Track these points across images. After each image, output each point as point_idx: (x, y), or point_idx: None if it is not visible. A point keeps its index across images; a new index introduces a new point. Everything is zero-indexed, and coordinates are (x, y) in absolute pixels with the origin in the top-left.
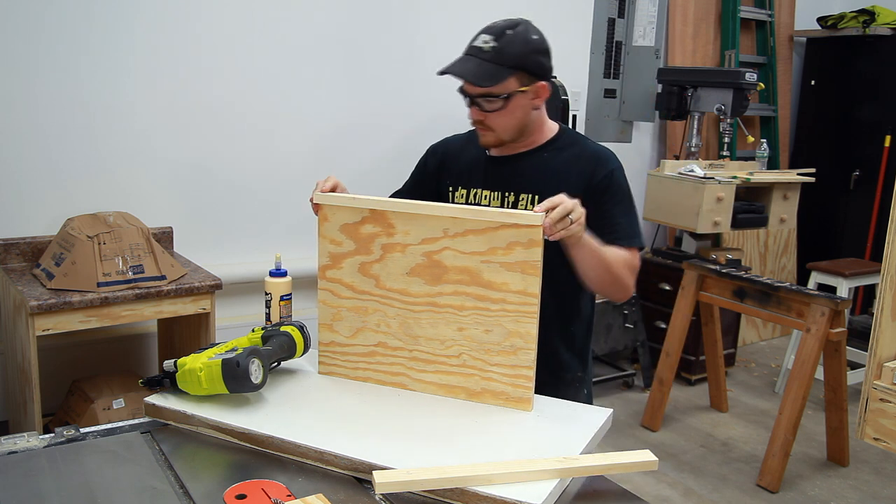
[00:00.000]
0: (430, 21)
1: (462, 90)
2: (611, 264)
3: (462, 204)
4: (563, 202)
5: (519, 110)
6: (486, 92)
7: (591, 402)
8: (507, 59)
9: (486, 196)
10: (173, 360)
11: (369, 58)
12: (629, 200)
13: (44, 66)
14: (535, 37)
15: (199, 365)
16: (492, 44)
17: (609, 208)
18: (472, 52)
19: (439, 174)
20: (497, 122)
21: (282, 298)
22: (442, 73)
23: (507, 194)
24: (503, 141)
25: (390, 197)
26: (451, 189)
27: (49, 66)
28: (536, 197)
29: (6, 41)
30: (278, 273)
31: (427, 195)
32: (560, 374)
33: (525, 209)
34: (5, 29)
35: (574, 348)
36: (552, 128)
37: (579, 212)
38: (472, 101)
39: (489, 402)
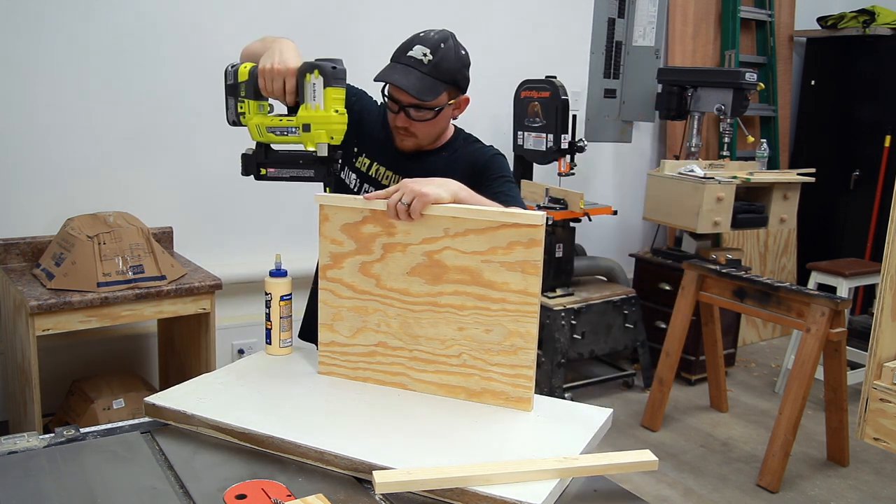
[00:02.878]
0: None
1: (391, 97)
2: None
3: (363, 174)
4: (398, 190)
5: (443, 121)
6: (420, 104)
7: None
8: (443, 74)
9: (388, 176)
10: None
11: (367, 58)
12: (510, 180)
13: (44, 66)
14: (462, 52)
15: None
16: (430, 57)
17: (489, 183)
18: (411, 63)
19: (359, 126)
20: (422, 130)
21: (282, 298)
22: (381, 80)
23: None
24: (422, 147)
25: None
26: (357, 150)
27: (49, 66)
28: None
29: (6, 41)
30: (278, 273)
31: None
32: None
33: None
34: (5, 29)
35: None
36: (450, 130)
37: (411, 189)
38: (402, 108)
39: (489, 402)
